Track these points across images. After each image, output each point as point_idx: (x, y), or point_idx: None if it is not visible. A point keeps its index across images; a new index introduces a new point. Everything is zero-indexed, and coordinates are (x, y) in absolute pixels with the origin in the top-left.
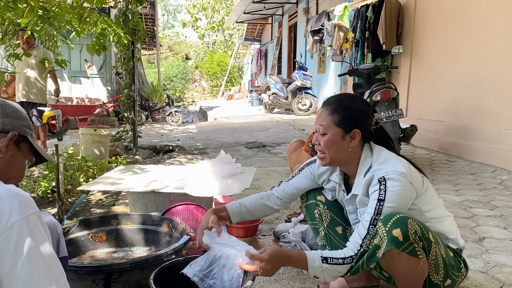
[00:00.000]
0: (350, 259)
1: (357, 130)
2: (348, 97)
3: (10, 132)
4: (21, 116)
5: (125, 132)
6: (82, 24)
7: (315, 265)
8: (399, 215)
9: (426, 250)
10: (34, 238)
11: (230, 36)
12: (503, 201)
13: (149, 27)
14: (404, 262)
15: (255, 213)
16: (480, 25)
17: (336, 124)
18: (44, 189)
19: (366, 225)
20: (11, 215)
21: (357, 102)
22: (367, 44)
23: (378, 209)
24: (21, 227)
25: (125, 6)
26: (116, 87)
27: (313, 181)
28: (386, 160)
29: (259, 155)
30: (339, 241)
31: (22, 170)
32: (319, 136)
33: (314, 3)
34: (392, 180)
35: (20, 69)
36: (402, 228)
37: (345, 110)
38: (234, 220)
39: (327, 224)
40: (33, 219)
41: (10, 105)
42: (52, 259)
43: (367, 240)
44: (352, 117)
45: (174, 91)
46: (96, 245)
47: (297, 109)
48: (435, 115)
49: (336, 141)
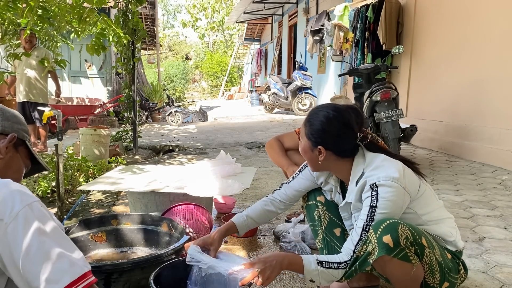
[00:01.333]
0: (344, 264)
1: (321, 147)
2: (318, 113)
3: (10, 134)
4: (20, 121)
5: (125, 132)
6: (81, 24)
7: (311, 268)
8: (390, 221)
9: (419, 255)
10: (41, 221)
11: (230, 36)
12: (503, 201)
13: (149, 27)
14: (397, 267)
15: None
16: (480, 25)
17: (306, 136)
18: (44, 189)
19: (359, 231)
20: (14, 206)
21: (325, 121)
22: (367, 44)
23: (371, 216)
24: (26, 214)
25: (125, 6)
26: (116, 87)
27: (313, 182)
28: (378, 166)
29: (259, 155)
30: (336, 244)
31: (20, 173)
32: (300, 141)
33: (314, 3)
34: (384, 186)
35: (21, 69)
36: (392, 234)
37: (311, 125)
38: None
39: (325, 227)
40: (37, 206)
41: (9, 110)
42: (62, 236)
43: (359, 247)
44: (316, 134)
45: (174, 91)
46: (96, 245)
47: (297, 109)
48: (435, 115)
49: (307, 151)
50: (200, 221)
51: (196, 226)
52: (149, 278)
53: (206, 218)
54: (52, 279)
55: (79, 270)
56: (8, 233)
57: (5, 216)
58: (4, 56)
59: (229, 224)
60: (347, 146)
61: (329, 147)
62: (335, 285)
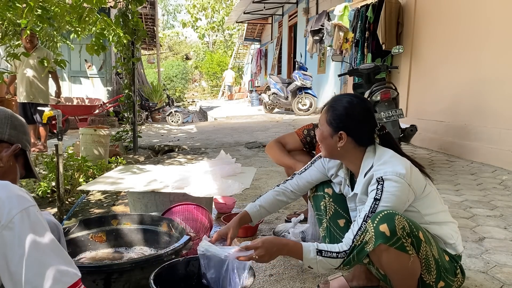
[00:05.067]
0: (343, 253)
1: (343, 132)
2: (342, 99)
3: (15, 144)
4: (26, 131)
5: (125, 132)
6: (81, 24)
7: (310, 256)
8: (387, 211)
9: (415, 247)
10: (36, 228)
11: (230, 36)
12: (503, 201)
13: (149, 27)
14: (394, 257)
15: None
16: (480, 25)
17: (327, 122)
18: (44, 189)
19: (360, 222)
20: (11, 209)
21: (348, 106)
22: (367, 44)
23: (373, 208)
24: (22, 219)
25: (125, 6)
26: (116, 87)
27: (324, 174)
28: (387, 161)
29: (259, 155)
30: (339, 234)
31: (16, 181)
32: (318, 128)
33: (314, 3)
34: (390, 180)
35: (22, 70)
36: (389, 224)
37: (334, 111)
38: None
39: (329, 217)
40: (33, 211)
41: (18, 118)
42: (56, 246)
43: (358, 236)
44: (339, 119)
45: (174, 91)
46: (96, 245)
47: (297, 109)
48: (435, 115)
49: (326, 137)
50: (200, 221)
51: (196, 226)
52: (149, 278)
53: (206, 218)
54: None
55: (70, 280)
56: (3, 236)
57: (2, 218)
58: (4, 56)
59: (243, 213)
60: (367, 134)
61: (350, 133)
62: (335, 283)
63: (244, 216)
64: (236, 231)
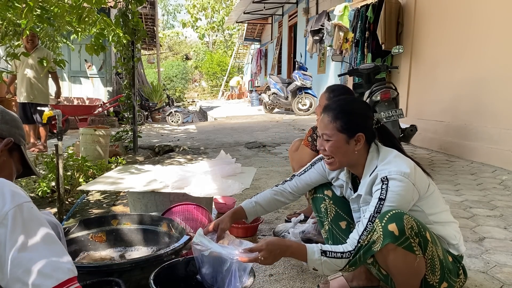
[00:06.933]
0: (348, 253)
1: (360, 134)
2: (348, 102)
3: (7, 138)
4: (18, 126)
5: (125, 132)
6: (81, 24)
7: (314, 257)
8: (395, 210)
9: (422, 247)
10: (29, 224)
11: (230, 36)
12: (503, 201)
13: (149, 27)
14: (400, 257)
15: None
16: (480, 25)
17: (339, 130)
18: (44, 189)
19: (365, 222)
20: (4, 205)
21: (357, 106)
22: (367, 44)
23: (378, 208)
24: (15, 215)
25: (125, 6)
26: (116, 87)
27: (324, 177)
28: (390, 161)
29: (259, 155)
30: (342, 236)
31: (11, 177)
32: (323, 142)
33: (314, 3)
34: (394, 180)
35: (22, 70)
36: (397, 223)
37: (347, 115)
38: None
39: (331, 219)
40: (27, 206)
41: (9, 113)
42: (50, 240)
43: (364, 236)
44: (354, 121)
45: (174, 91)
46: (96, 245)
47: (297, 109)
48: (435, 115)
49: (341, 146)
50: (200, 221)
51: (196, 226)
52: (149, 278)
53: (206, 218)
54: (34, 283)
55: (62, 276)
56: None
57: None
58: (3, 56)
59: (237, 208)
60: (371, 128)
61: (365, 132)
62: (335, 284)
63: (238, 210)
64: (228, 224)
